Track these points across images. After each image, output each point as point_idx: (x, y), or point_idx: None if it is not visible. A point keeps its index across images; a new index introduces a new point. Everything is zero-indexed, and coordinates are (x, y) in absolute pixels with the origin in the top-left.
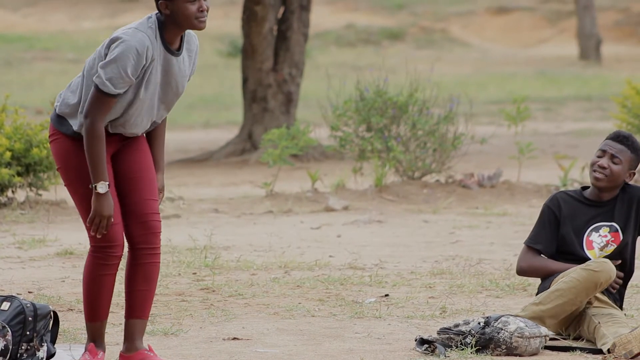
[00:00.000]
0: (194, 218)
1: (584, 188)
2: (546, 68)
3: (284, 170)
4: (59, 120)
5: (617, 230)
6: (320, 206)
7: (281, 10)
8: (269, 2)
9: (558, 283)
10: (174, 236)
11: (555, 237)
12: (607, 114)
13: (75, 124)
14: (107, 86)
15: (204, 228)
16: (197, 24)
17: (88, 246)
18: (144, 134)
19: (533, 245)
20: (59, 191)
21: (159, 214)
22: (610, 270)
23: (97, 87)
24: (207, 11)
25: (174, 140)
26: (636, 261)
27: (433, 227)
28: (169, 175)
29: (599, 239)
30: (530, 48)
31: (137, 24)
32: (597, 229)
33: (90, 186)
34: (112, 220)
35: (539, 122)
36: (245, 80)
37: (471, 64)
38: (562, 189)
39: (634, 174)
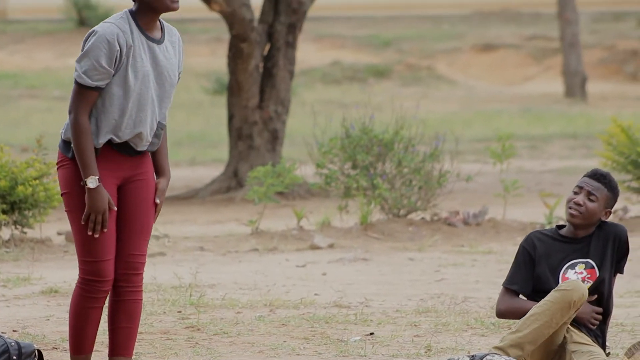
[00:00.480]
0: (179, 256)
1: (560, 227)
2: (532, 105)
3: (270, 208)
4: (65, 146)
5: (593, 267)
6: (305, 244)
7: (267, 47)
8: (255, 40)
9: (532, 308)
10: (159, 274)
11: (531, 277)
12: (592, 151)
13: None
14: (83, 78)
15: (189, 266)
16: (169, 4)
17: (73, 284)
18: (154, 170)
19: (509, 286)
20: (44, 229)
21: (145, 255)
22: (582, 288)
23: (75, 81)
24: None
25: None
26: (617, 299)
27: (418, 265)
28: None
29: (575, 276)
30: (516, 85)
31: (110, 18)
32: (572, 266)
33: (81, 183)
34: (107, 216)
35: (525, 159)
36: (231, 118)
37: (457, 101)
38: (547, 226)
39: (610, 212)
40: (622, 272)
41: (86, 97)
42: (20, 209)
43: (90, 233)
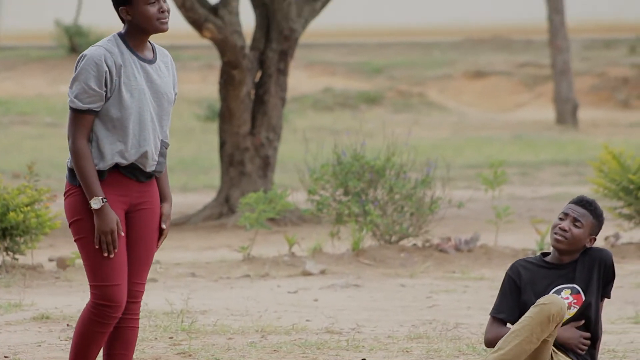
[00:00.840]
0: (170, 282)
1: (545, 254)
2: (523, 132)
3: (261, 234)
4: (72, 174)
5: (578, 292)
6: (297, 270)
7: (259, 74)
8: (247, 66)
9: (513, 326)
10: (151, 300)
11: (517, 305)
12: (584, 178)
13: None
14: (75, 102)
15: (181, 292)
16: (158, 25)
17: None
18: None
19: (497, 315)
20: (35, 256)
21: (144, 284)
22: (560, 302)
23: (70, 107)
24: (168, 13)
25: None
26: (609, 326)
27: (410, 291)
28: None
29: None
30: (507, 112)
31: (99, 42)
32: (558, 292)
33: (88, 206)
34: (117, 235)
35: (516, 186)
36: (222, 144)
37: (448, 127)
38: (539, 253)
39: (595, 239)
40: (609, 297)
41: (81, 121)
42: (12, 235)
43: (105, 255)
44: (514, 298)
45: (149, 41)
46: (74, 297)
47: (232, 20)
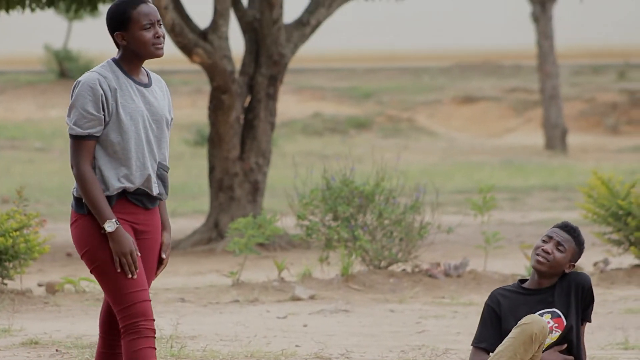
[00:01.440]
0: (160, 307)
1: (522, 281)
2: (512, 157)
3: (251, 259)
4: (78, 203)
5: (559, 316)
6: (286, 295)
7: (248, 99)
8: (236, 91)
9: (497, 348)
10: None
11: (498, 334)
12: (573, 204)
13: None
14: (74, 129)
15: (170, 317)
16: (154, 50)
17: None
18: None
19: (478, 344)
20: (24, 280)
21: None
22: (541, 321)
23: (70, 135)
24: (164, 38)
25: None
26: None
27: (399, 317)
28: None
29: None
30: (497, 137)
31: (93, 68)
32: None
33: (101, 231)
34: (136, 255)
35: (505, 211)
36: (211, 169)
37: (438, 153)
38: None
39: (574, 266)
40: (589, 321)
41: (83, 147)
42: (1, 260)
43: (129, 276)
44: (495, 327)
45: (142, 67)
46: (63, 322)
47: (222, 45)
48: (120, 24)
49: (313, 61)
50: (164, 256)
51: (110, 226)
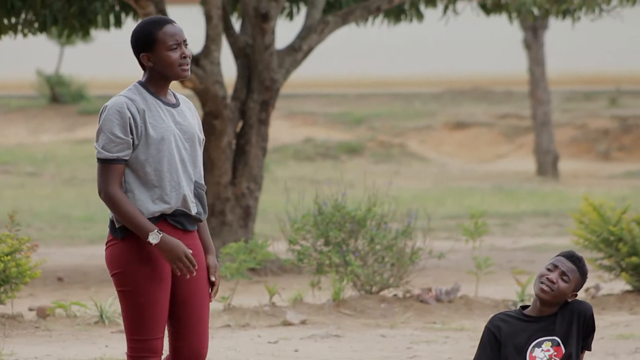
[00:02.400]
0: None
1: (524, 307)
2: (504, 183)
3: (242, 284)
4: (112, 226)
5: (559, 344)
6: (277, 320)
7: (240, 124)
8: (228, 116)
9: None
10: None
11: (497, 358)
12: (564, 229)
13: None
14: (102, 153)
15: None
16: (180, 71)
17: None
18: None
19: None
20: (15, 305)
21: (207, 340)
22: None
23: (97, 159)
24: (190, 58)
25: None
26: None
27: (390, 342)
28: None
29: (542, 354)
30: (488, 163)
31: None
32: (539, 344)
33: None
34: (190, 255)
35: (497, 237)
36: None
37: (429, 178)
38: (519, 304)
39: (576, 295)
40: (589, 349)
41: (112, 171)
42: None
43: (188, 276)
44: (494, 351)
45: (169, 88)
46: (54, 347)
47: (214, 71)
48: (145, 45)
49: (305, 87)
50: (213, 279)
51: (154, 238)
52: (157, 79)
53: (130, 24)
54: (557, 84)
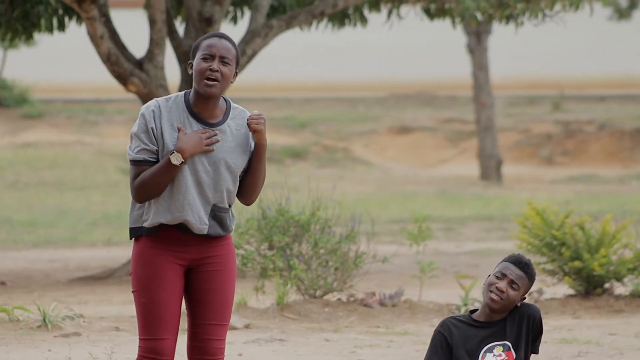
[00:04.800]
0: (94, 336)
1: (473, 311)
2: (447, 188)
3: None
4: (130, 232)
5: (510, 349)
6: None
7: None
8: None
9: None
10: (75, 354)
11: None
12: (507, 234)
13: (137, 227)
14: (131, 155)
15: (105, 346)
16: (203, 82)
17: None
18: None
19: None
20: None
21: (224, 340)
22: None
23: (129, 160)
24: (221, 75)
25: (75, 258)
26: None
27: (334, 346)
28: (70, 293)
29: (494, 359)
30: (432, 168)
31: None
32: (490, 349)
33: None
34: (208, 132)
35: (441, 241)
36: None
37: (373, 183)
38: (463, 308)
39: (525, 298)
40: (537, 352)
41: (140, 172)
42: None
43: (211, 148)
44: (445, 355)
45: (224, 98)
46: None
47: (158, 75)
48: (192, 53)
49: (249, 91)
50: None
51: (176, 159)
52: (194, 92)
53: (73, 28)
54: (501, 88)
